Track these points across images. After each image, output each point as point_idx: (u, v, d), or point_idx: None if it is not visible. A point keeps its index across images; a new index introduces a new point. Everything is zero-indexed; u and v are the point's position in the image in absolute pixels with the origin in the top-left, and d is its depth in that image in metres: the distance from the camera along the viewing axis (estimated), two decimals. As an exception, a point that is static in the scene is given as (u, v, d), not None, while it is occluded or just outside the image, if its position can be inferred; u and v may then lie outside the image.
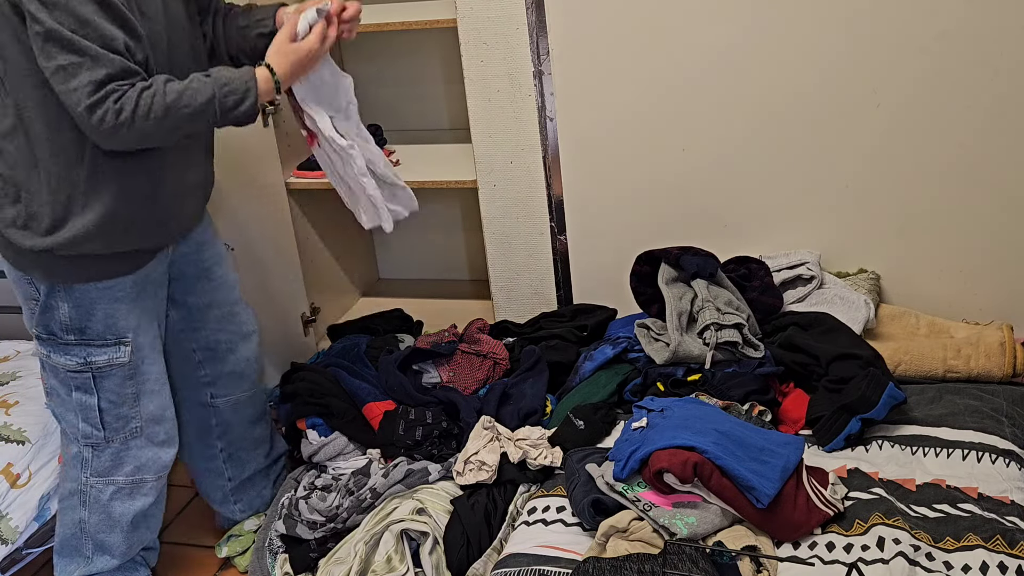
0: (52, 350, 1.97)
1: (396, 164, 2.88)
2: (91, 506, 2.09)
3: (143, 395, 2.04)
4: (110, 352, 1.97)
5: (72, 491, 2.10)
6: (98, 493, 2.08)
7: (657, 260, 2.34)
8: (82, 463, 2.06)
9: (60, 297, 1.91)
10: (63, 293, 1.91)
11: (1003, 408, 2.01)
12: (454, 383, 2.41)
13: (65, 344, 1.95)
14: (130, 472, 2.08)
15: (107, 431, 2.03)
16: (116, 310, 1.95)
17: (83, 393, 1.99)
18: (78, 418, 2.02)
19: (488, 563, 1.95)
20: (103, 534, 2.11)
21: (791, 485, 1.74)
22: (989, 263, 2.39)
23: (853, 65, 2.29)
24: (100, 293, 1.93)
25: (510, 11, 2.43)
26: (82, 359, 1.96)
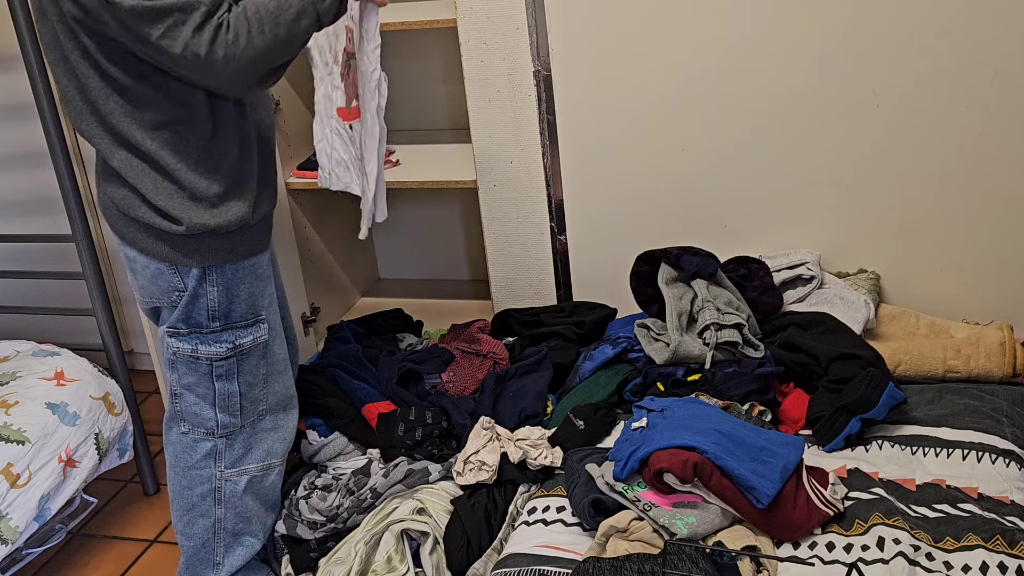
0: (199, 342, 1.95)
1: (396, 164, 2.89)
2: (227, 501, 2.07)
3: (271, 376, 2.05)
4: (253, 332, 1.99)
5: (204, 493, 2.07)
6: (233, 486, 2.07)
7: (657, 260, 2.34)
8: (216, 457, 2.05)
9: (211, 282, 1.91)
10: (215, 276, 1.91)
11: (1003, 408, 2.01)
12: (454, 383, 2.41)
13: (212, 332, 1.95)
14: (261, 458, 2.09)
15: (242, 416, 2.03)
16: (257, 288, 1.98)
17: (225, 381, 1.99)
18: (215, 410, 2.01)
19: (488, 563, 1.95)
20: (241, 524, 2.11)
21: (791, 485, 1.74)
22: (989, 263, 2.39)
23: (853, 65, 2.29)
24: (245, 272, 1.95)
25: (510, 11, 2.43)
26: (231, 344, 1.97)
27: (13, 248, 3.09)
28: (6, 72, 2.88)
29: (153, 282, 1.94)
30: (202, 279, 1.91)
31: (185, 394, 2.02)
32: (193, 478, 2.07)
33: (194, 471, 2.07)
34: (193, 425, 2.04)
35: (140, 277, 1.96)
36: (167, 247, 1.89)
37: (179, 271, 1.91)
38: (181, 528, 2.11)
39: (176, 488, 2.09)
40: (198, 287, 1.91)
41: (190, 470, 2.07)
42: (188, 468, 2.07)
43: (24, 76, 2.39)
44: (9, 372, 2.48)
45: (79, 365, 2.53)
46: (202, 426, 2.03)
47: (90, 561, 2.50)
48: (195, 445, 2.05)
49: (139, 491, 2.73)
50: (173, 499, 2.11)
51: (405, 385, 2.40)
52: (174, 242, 1.88)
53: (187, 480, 2.08)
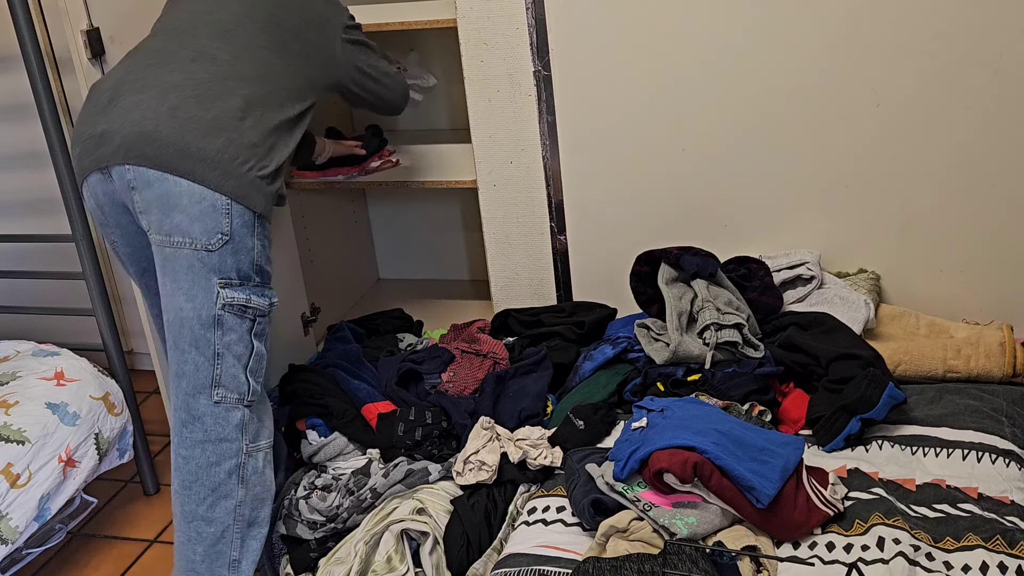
0: (252, 292, 1.97)
1: (396, 164, 2.89)
2: (248, 480, 2.04)
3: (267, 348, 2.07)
4: (273, 295, 2.05)
5: (231, 470, 2.02)
6: (255, 463, 2.05)
7: (657, 260, 2.34)
8: (243, 429, 2.02)
9: (257, 235, 1.97)
10: (259, 230, 1.97)
11: (1003, 408, 2.01)
12: (454, 383, 2.41)
13: (258, 286, 1.99)
14: (267, 434, 2.08)
15: (261, 384, 2.05)
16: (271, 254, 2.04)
17: (260, 341, 2.02)
18: (247, 373, 2.01)
19: (488, 563, 1.95)
20: (256, 510, 2.07)
21: (791, 485, 1.74)
22: (989, 263, 2.39)
23: (853, 65, 2.29)
24: (271, 236, 2.03)
25: (510, 11, 2.43)
26: (269, 299, 2.02)
27: (13, 248, 3.09)
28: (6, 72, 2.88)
29: (199, 219, 1.91)
30: (251, 229, 1.95)
31: (226, 354, 1.98)
32: (223, 452, 2.02)
33: (224, 444, 2.01)
34: (228, 391, 2.00)
35: (181, 213, 1.91)
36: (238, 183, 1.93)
37: (232, 214, 1.92)
38: (203, 513, 2.02)
39: (201, 467, 2.02)
40: (246, 236, 1.95)
41: (221, 443, 2.01)
42: (219, 440, 2.01)
43: (24, 76, 2.39)
44: (9, 372, 2.48)
45: (79, 365, 2.53)
46: (236, 391, 2.00)
47: (90, 561, 2.50)
48: (227, 415, 2.00)
49: (139, 491, 2.73)
50: (194, 481, 2.02)
51: (405, 385, 2.40)
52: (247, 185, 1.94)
53: (216, 455, 2.01)
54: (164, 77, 1.99)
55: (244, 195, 1.93)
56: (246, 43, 2.08)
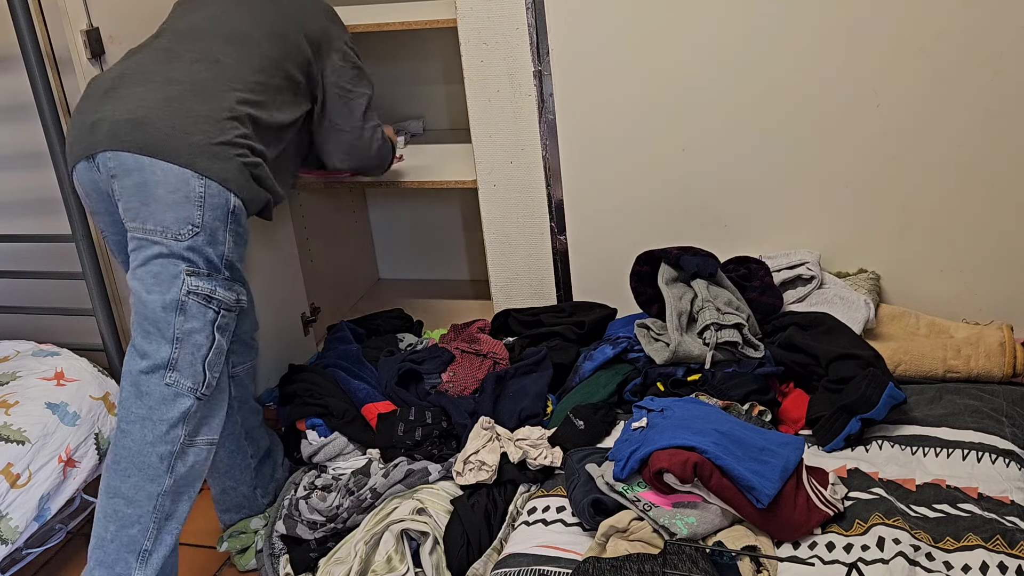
0: (218, 284, 2.00)
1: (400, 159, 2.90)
2: (175, 471, 2.00)
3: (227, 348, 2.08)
4: (244, 294, 2.09)
5: (163, 455, 1.98)
6: (184, 457, 2.00)
7: (657, 260, 2.34)
8: (186, 420, 2.00)
9: (230, 230, 2.00)
10: (233, 225, 2.00)
11: (1003, 408, 2.01)
12: (454, 383, 2.41)
13: (225, 280, 2.02)
14: (208, 433, 2.06)
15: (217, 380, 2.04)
16: (244, 255, 2.07)
17: (222, 335, 2.02)
18: (205, 368, 2.00)
19: (488, 563, 1.95)
20: (177, 503, 2.02)
21: (791, 485, 1.74)
22: (989, 263, 2.39)
23: (853, 65, 2.29)
24: (245, 235, 2.06)
25: (510, 11, 2.43)
26: (236, 295, 2.04)
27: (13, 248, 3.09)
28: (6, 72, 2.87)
29: (173, 208, 1.94)
30: (224, 223, 1.98)
31: (185, 341, 1.98)
32: (160, 435, 1.98)
33: (163, 426, 1.98)
34: (182, 376, 1.98)
35: (156, 202, 1.94)
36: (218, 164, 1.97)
37: (205, 206, 1.95)
38: (125, 491, 1.96)
39: (135, 443, 1.97)
40: (218, 229, 1.98)
41: (160, 424, 1.98)
42: (160, 421, 1.97)
43: (24, 76, 2.39)
44: (9, 372, 2.48)
45: (79, 365, 2.53)
46: (190, 378, 1.99)
47: (90, 561, 2.50)
48: (175, 400, 1.98)
49: (139, 491, 2.73)
50: (124, 457, 1.97)
51: (405, 385, 2.40)
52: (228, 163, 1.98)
53: (153, 435, 1.97)
54: (166, 73, 2.05)
55: (227, 178, 1.98)
56: (251, 50, 2.14)
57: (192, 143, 1.95)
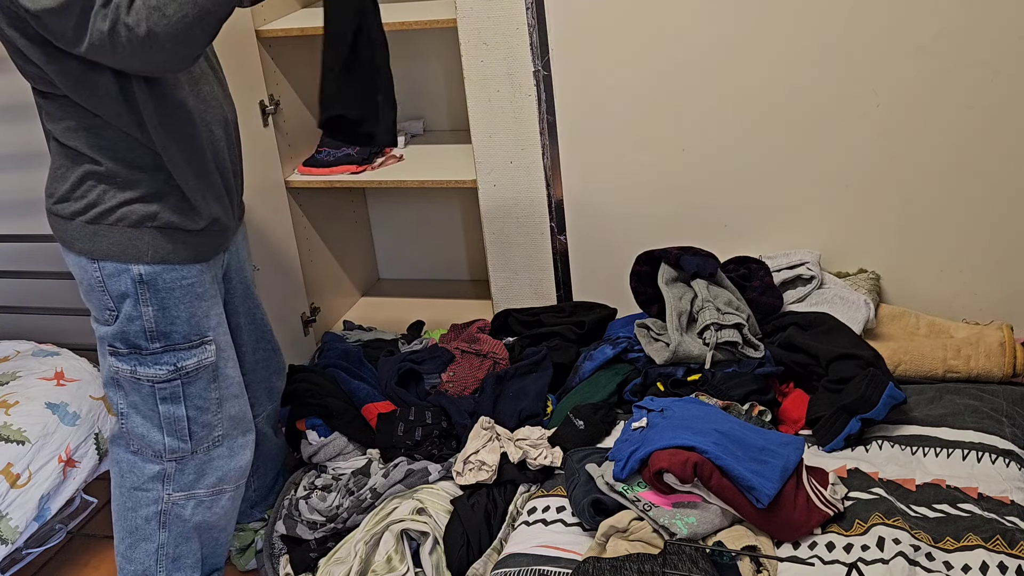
0: (138, 363, 1.89)
1: (400, 159, 2.90)
2: (171, 525, 2.01)
3: (225, 400, 1.98)
4: (198, 354, 1.91)
5: (149, 516, 2.00)
6: (180, 510, 2.00)
7: (657, 260, 2.34)
8: (164, 480, 1.98)
9: (144, 301, 1.84)
10: (147, 295, 1.84)
11: (1003, 408, 2.01)
12: (454, 383, 2.41)
13: (152, 354, 1.88)
14: (212, 484, 2.02)
15: (193, 441, 1.96)
16: (198, 308, 1.90)
17: (170, 404, 1.92)
18: (163, 433, 1.94)
19: (488, 563, 1.95)
20: (180, 547, 2.04)
21: (791, 485, 1.74)
22: (989, 263, 2.39)
23: (853, 65, 2.29)
24: (183, 292, 1.87)
25: (510, 11, 2.43)
26: (172, 366, 1.89)
27: (13, 248, 3.09)
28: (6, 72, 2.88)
29: (88, 295, 1.89)
30: (135, 296, 1.84)
31: (131, 413, 1.95)
32: (138, 500, 1.99)
33: (139, 492, 1.99)
34: (141, 446, 1.97)
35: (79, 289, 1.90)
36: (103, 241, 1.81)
37: (107, 287, 1.84)
38: (123, 551, 2.02)
39: (119, 509, 2.01)
40: (131, 306, 1.84)
41: (135, 491, 1.99)
42: (133, 489, 1.99)
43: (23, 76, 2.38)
44: (9, 372, 2.48)
45: (79, 365, 2.53)
46: (150, 447, 1.96)
47: (90, 561, 2.50)
48: (143, 466, 1.98)
49: (139, 491, 2.73)
50: (116, 520, 2.03)
51: (405, 385, 2.40)
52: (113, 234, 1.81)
53: (131, 501, 1.99)
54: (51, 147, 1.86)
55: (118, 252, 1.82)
56: None
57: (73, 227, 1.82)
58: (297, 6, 2.95)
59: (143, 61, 1.62)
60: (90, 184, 1.80)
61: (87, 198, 1.80)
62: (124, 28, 1.57)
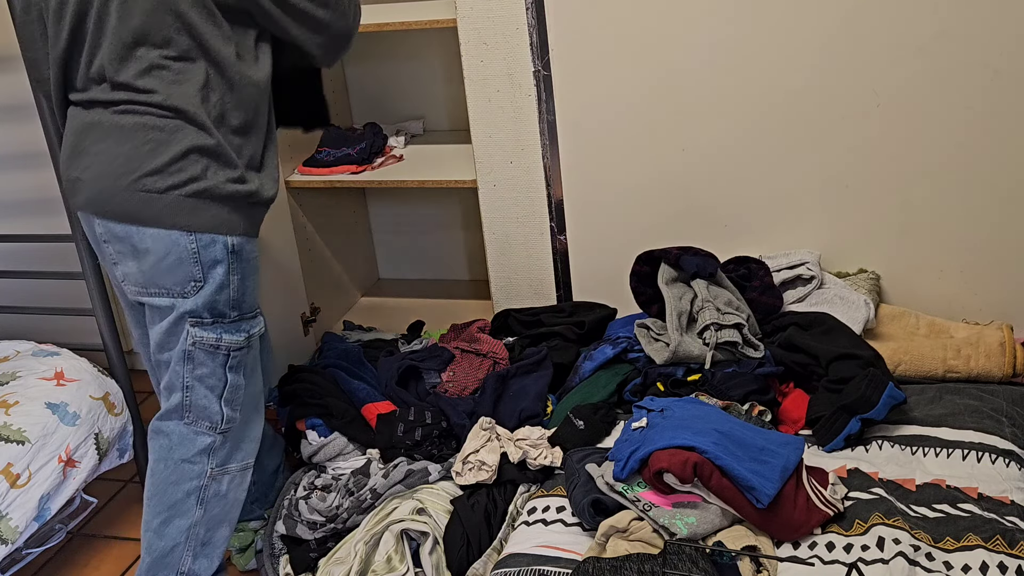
0: (223, 331, 1.96)
1: (400, 159, 2.90)
2: (208, 502, 2.04)
3: (255, 372, 2.06)
4: (257, 324, 2.03)
5: (190, 491, 2.03)
6: (217, 486, 2.05)
7: (657, 260, 2.34)
8: (210, 454, 2.03)
9: (233, 271, 1.93)
10: (236, 265, 1.93)
11: (1003, 408, 2.01)
12: (454, 383, 2.41)
13: (232, 322, 1.97)
14: (241, 459, 2.07)
15: (240, 412, 2.04)
16: (255, 282, 2.01)
17: (236, 373, 2.00)
18: (221, 404, 2.01)
19: (488, 563, 1.95)
20: (212, 531, 2.07)
21: (791, 485, 1.74)
22: (989, 263, 2.39)
23: (853, 65, 2.29)
24: (253, 264, 1.98)
25: (510, 11, 2.43)
26: (246, 333, 1.99)
27: (13, 248, 3.09)
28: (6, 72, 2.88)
29: (171, 271, 1.90)
30: (226, 265, 1.91)
31: (196, 386, 1.99)
32: (183, 473, 2.02)
33: (186, 465, 2.02)
34: (199, 418, 2.01)
35: (151, 268, 1.90)
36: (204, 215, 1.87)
37: (201, 259, 1.89)
38: (155, 527, 2.03)
39: (160, 483, 2.03)
40: (220, 275, 1.91)
41: (182, 463, 2.02)
42: (181, 461, 2.02)
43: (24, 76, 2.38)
44: (9, 372, 2.48)
45: (79, 365, 2.53)
46: (208, 419, 2.01)
47: (90, 561, 2.50)
48: (195, 438, 2.02)
49: (139, 491, 2.73)
50: (152, 495, 2.04)
51: (405, 384, 2.40)
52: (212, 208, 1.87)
53: (176, 475, 2.02)
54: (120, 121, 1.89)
55: (214, 224, 1.88)
56: None
57: (167, 201, 1.85)
58: (297, 6, 2.95)
59: None
60: (193, 158, 1.84)
61: (187, 172, 1.84)
62: None
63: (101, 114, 1.87)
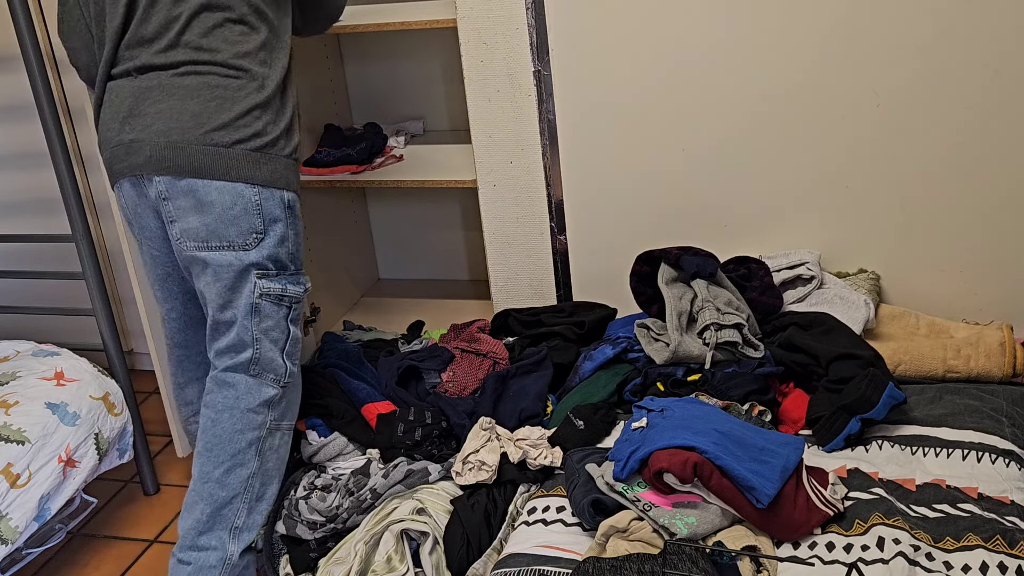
0: (288, 282, 2.07)
1: (400, 159, 2.90)
2: (264, 454, 2.11)
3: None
4: (308, 279, 2.15)
5: (252, 441, 2.10)
6: (272, 440, 2.12)
7: (657, 260, 2.34)
8: (271, 406, 2.11)
9: (291, 225, 2.06)
10: (292, 220, 2.06)
11: (1003, 408, 2.01)
12: (454, 383, 2.41)
13: (293, 274, 2.09)
14: (290, 417, 2.17)
15: (296, 366, 2.15)
16: (302, 239, 2.13)
17: (296, 326, 2.12)
18: (284, 358, 2.11)
19: (488, 563, 1.95)
20: (265, 485, 2.13)
21: (791, 485, 1.74)
22: (989, 263, 2.39)
23: (853, 65, 2.29)
24: (300, 220, 2.11)
25: (510, 11, 2.43)
26: (304, 286, 2.11)
27: (13, 248, 3.10)
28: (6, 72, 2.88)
29: (234, 222, 1.99)
30: (284, 220, 2.04)
31: (263, 339, 2.07)
32: (248, 422, 2.10)
33: (251, 414, 2.10)
34: (265, 370, 2.09)
35: (215, 220, 1.99)
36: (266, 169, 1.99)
37: (263, 211, 2.00)
38: (218, 476, 2.09)
39: (224, 432, 2.09)
40: (280, 228, 2.03)
41: (248, 412, 2.09)
42: (247, 410, 2.09)
43: (24, 76, 2.39)
44: (9, 372, 2.48)
45: (79, 365, 2.53)
46: (273, 372, 2.10)
47: (90, 561, 2.50)
48: (260, 389, 2.10)
49: (139, 491, 2.73)
50: (215, 445, 2.09)
51: (405, 384, 2.40)
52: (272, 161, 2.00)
53: (242, 423, 2.09)
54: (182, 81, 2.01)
55: (275, 178, 2.01)
56: None
57: (234, 155, 1.97)
58: (297, 6, 2.95)
59: None
60: (255, 114, 1.98)
61: (252, 127, 1.98)
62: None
63: (159, 77, 1.99)
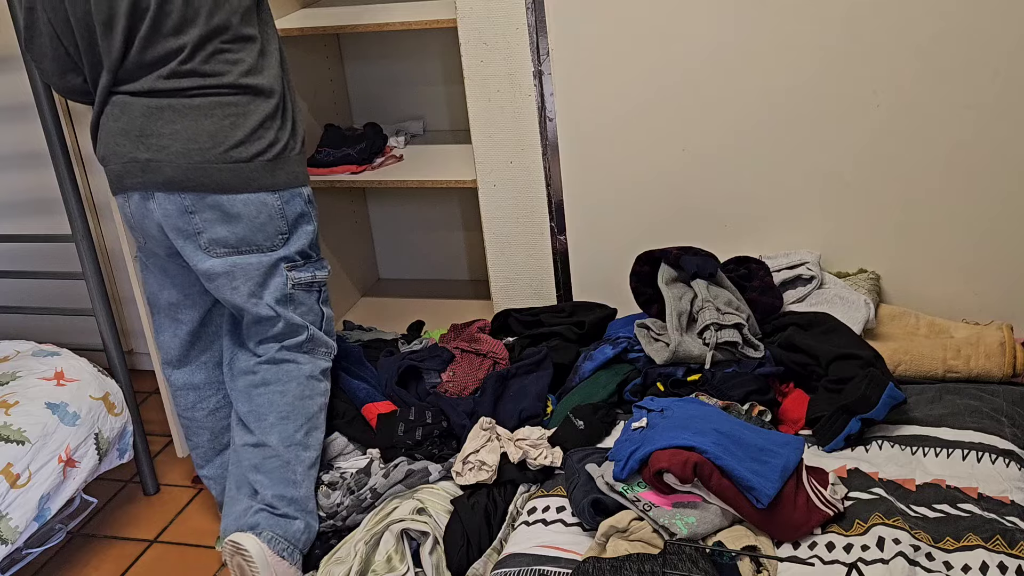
0: (315, 268, 2.21)
1: (400, 159, 2.90)
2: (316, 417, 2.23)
3: None
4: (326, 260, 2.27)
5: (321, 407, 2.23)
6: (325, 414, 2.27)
7: (657, 260, 2.34)
8: (327, 375, 2.27)
9: (313, 217, 2.19)
10: (312, 211, 2.18)
11: (1003, 408, 2.01)
12: (454, 383, 2.41)
13: (318, 260, 2.23)
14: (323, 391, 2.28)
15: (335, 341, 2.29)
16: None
17: (326, 305, 2.26)
18: (323, 334, 2.25)
19: (488, 563, 1.95)
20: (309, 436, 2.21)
21: (791, 485, 1.74)
22: (989, 263, 2.39)
23: (853, 65, 2.29)
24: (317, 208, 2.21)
25: (510, 11, 2.43)
26: (327, 268, 2.25)
27: (13, 248, 3.10)
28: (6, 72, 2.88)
29: (261, 228, 2.09)
30: (305, 215, 2.15)
31: (301, 329, 2.20)
32: (314, 388, 2.22)
33: (315, 382, 2.23)
34: (315, 347, 2.23)
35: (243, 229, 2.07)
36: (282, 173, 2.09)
37: (286, 213, 2.11)
38: (300, 439, 2.17)
39: (296, 399, 2.19)
40: (303, 223, 2.15)
41: (311, 379, 2.22)
42: (310, 377, 2.22)
43: (24, 76, 2.39)
44: (9, 372, 2.48)
45: (79, 365, 2.53)
46: (324, 346, 2.25)
47: (90, 561, 2.50)
48: (318, 361, 2.24)
49: (139, 491, 2.73)
50: (289, 414, 2.18)
51: (405, 384, 2.40)
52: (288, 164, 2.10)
53: (309, 390, 2.21)
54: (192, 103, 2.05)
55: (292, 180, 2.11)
56: None
57: (254, 167, 2.05)
58: (297, 6, 2.95)
59: None
60: (267, 125, 2.06)
61: (265, 139, 2.06)
62: None
63: (168, 100, 2.04)
